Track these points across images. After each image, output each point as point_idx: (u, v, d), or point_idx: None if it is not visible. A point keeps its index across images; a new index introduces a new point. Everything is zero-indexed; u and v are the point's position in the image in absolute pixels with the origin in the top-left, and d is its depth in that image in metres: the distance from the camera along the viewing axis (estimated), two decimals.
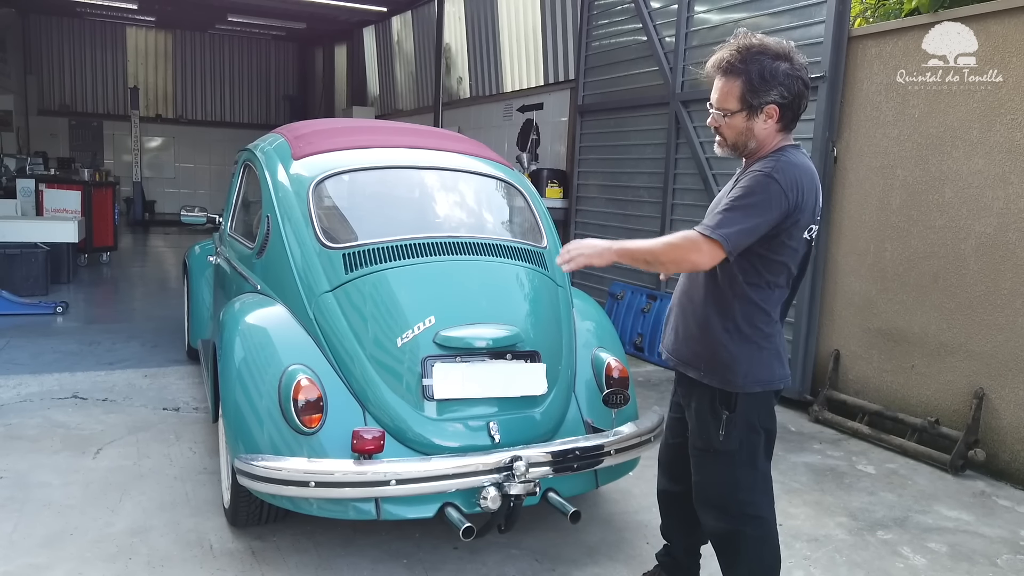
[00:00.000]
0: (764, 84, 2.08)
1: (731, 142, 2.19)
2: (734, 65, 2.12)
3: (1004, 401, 3.99)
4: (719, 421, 2.19)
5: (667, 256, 2.08)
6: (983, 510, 3.62)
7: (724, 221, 2.03)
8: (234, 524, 3.05)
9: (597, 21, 7.43)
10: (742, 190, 2.07)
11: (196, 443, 3.95)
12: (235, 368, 2.86)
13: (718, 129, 2.21)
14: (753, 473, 2.24)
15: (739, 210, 2.03)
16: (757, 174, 2.07)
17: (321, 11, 13.93)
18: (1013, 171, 3.96)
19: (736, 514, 2.26)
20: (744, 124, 2.14)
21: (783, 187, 2.04)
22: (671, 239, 2.08)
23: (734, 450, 2.21)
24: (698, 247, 2.02)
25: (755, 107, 2.11)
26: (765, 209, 2.03)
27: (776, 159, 2.11)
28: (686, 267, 2.13)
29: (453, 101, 11.44)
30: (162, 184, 18.09)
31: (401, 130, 4.00)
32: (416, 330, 2.81)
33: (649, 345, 6.29)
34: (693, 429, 2.31)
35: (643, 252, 2.10)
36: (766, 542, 2.28)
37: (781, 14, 5.27)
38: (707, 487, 2.30)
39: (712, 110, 2.21)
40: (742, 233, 2.01)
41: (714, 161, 5.89)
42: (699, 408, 2.27)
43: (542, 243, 3.40)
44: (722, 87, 2.15)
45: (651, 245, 2.09)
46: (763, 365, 2.18)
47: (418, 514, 2.65)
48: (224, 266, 4.25)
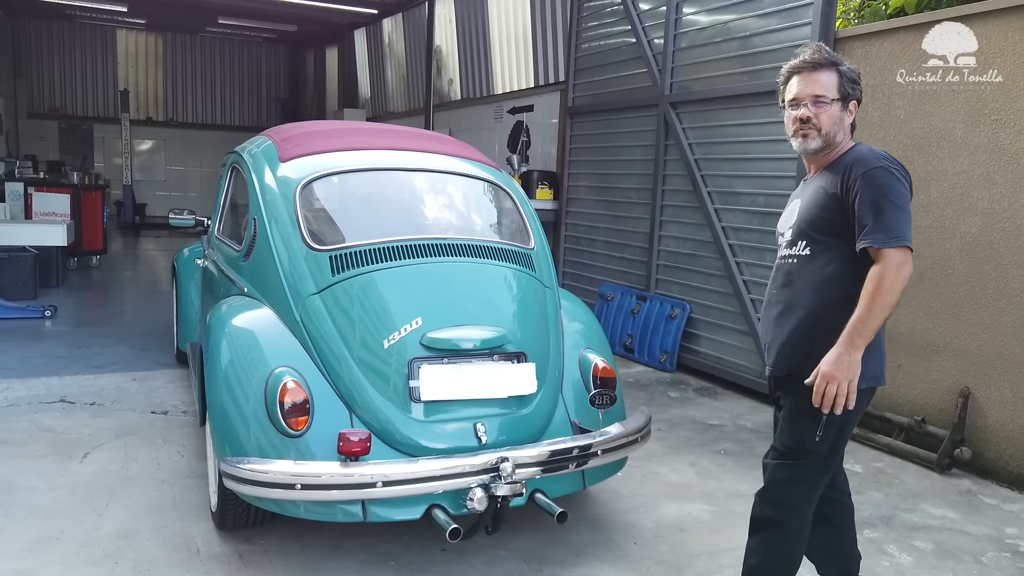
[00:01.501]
0: (855, 77, 2.25)
1: (825, 130, 2.22)
2: (826, 60, 2.23)
3: (989, 400, 4.02)
4: (818, 422, 2.18)
5: (893, 294, 2.03)
6: (969, 508, 3.64)
7: (889, 227, 2.04)
8: (221, 527, 3.04)
9: (587, 23, 7.45)
10: (875, 189, 2.08)
11: (184, 447, 3.94)
12: (221, 371, 2.86)
13: (809, 120, 2.22)
14: (824, 475, 2.28)
15: (891, 209, 2.06)
16: (874, 170, 2.10)
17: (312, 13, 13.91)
18: (997, 171, 3.99)
19: (788, 506, 2.28)
20: (840, 113, 2.22)
21: (900, 172, 2.13)
22: (875, 286, 2.03)
23: (824, 452, 2.22)
24: (902, 263, 2.03)
25: (848, 98, 2.23)
26: (906, 197, 2.11)
27: (868, 149, 2.20)
28: (904, 285, 2.07)
29: (444, 103, 11.45)
30: (153, 187, 18.00)
31: (388, 132, 4.01)
32: (403, 332, 2.81)
33: (639, 346, 6.30)
34: (785, 429, 2.29)
35: (875, 314, 2.03)
36: (798, 539, 2.31)
37: (769, 16, 5.30)
38: (778, 475, 2.30)
39: (798, 106, 2.24)
40: (908, 226, 2.08)
41: (703, 162, 5.90)
42: (797, 408, 2.24)
43: (530, 244, 3.41)
44: (818, 78, 2.22)
45: (872, 303, 2.03)
46: (873, 361, 2.19)
47: (405, 516, 2.65)
48: (212, 269, 4.25)
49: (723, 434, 4.58)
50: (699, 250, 5.95)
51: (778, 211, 5.28)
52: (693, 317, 5.98)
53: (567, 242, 7.80)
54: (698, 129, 5.98)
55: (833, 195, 2.17)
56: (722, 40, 5.73)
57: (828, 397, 2.07)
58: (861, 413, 2.27)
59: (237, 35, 18.13)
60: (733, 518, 3.41)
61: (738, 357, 5.55)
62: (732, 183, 5.64)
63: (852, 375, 2.05)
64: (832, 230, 2.18)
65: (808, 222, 2.24)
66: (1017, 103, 3.89)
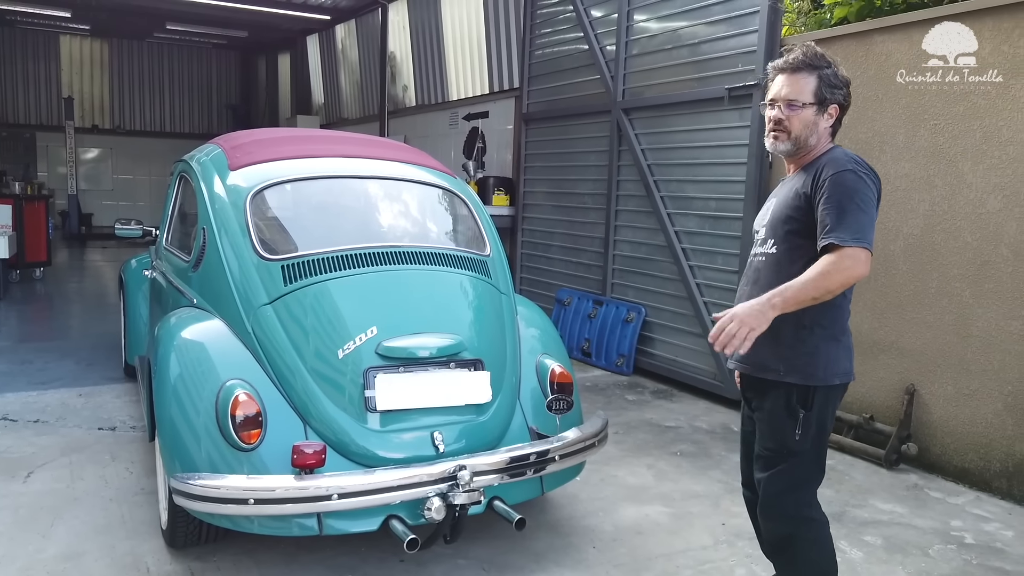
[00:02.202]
0: (836, 82, 2.24)
1: (795, 134, 2.24)
2: (808, 62, 2.23)
3: (934, 396, 4.14)
4: (796, 421, 2.20)
5: (837, 282, 2.05)
6: (916, 502, 3.74)
7: (853, 227, 2.05)
8: (172, 545, 2.97)
9: (540, 30, 7.49)
10: (841, 190, 2.10)
11: (133, 463, 3.84)
12: (171, 384, 2.79)
13: (781, 123, 2.25)
14: (817, 474, 2.28)
15: (855, 211, 2.08)
16: (843, 172, 2.12)
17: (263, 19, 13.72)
18: (937, 174, 4.12)
19: (792, 516, 2.27)
20: (813, 118, 2.23)
21: (869, 176, 2.15)
22: (825, 266, 2.04)
23: (807, 450, 2.22)
24: (858, 259, 2.04)
25: (825, 102, 2.23)
26: (872, 201, 2.13)
27: (842, 152, 2.21)
28: (852, 283, 2.11)
29: (399, 109, 11.39)
30: (99, 196, 17.53)
31: (342, 139, 3.97)
32: (358, 341, 2.78)
33: (596, 350, 6.34)
34: (764, 432, 2.30)
35: (809, 290, 2.04)
36: (820, 545, 2.29)
37: (718, 23, 5.39)
38: (771, 485, 2.28)
39: (773, 106, 2.27)
40: (871, 229, 2.10)
41: (655, 168, 5.98)
42: (774, 409, 2.25)
43: (485, 251, 3.41)
44: (795, 81, 2.24)
45: (814, 280, 2.04)
46: (842, 357, 2.22)
47: (362, 528, 2.62)
48: (160, 280, 4.15)
49: (679, 436, 4.63)
50: (653, 254, 6.02)
51: (729, 215, 5.40)
52: (648, 320, 6.04)
53: (524, 248, 7.82)
54: (650, 135, 6.06)
55: (804, 195, 2.19)
56: (672, 47, 5.81)
57: (727, 334, 2.04)
58: (836, 408, 2.29)
59: (186, 41, 17.78)
60: (690, 519, 3.45)
61: (693, 359, 5.63)
62: (684, 188, 5.72)
63: (758, 327, 2.04)
64: (801, 230, 2.20)
65: (779, 221, 2.26)
66: (954, 108, 4.03)
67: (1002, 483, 3.85)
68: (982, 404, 3.93)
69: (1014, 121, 3.79)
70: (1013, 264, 3.80)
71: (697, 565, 3.05)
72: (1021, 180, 3.77)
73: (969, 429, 3.98)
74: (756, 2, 5.02)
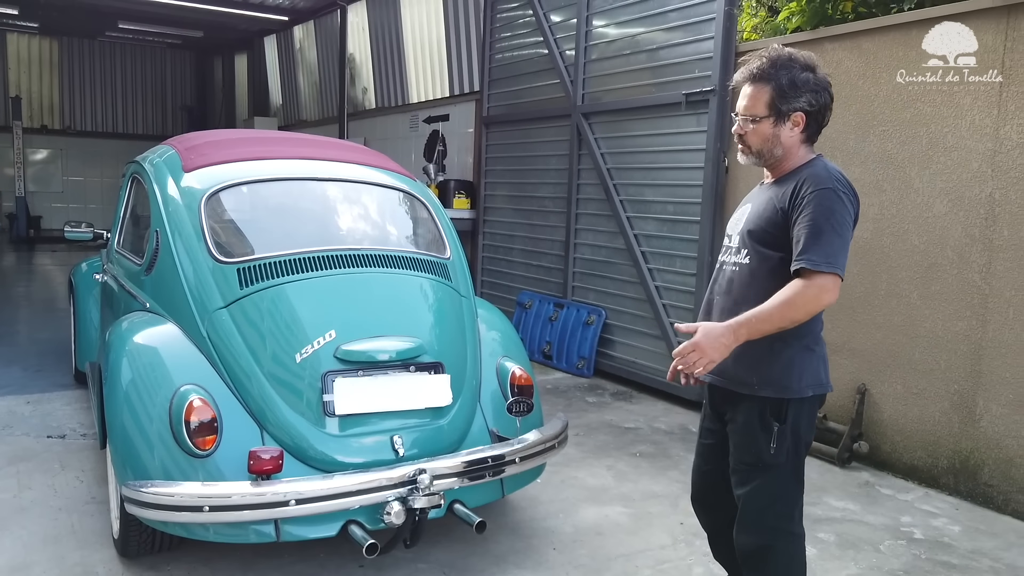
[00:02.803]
0: (794, 90, 2.13)
1: (756, 149, 2.19)
2: (765, 72, 2.15)
3: (884, 395, 4.25)
4: (770, 434, 2.15)
5: (803, 312, 2.02)
6: (867, 499, 3.84)
7: (827, 251, 2.01)
8: (124, 555, 2.90)
9: (500, 34, 7.51)
10: (819, 210, 2.04)
11: (83, 471, 3.74)
12: (122, 390, 2.74)
13: (743, 136, 2.21)
14: (796, 487, 2.24)
15: (831, 233, 2.03)
16: (823, 191, 2.06)
17: (219, 19, 13.50)
18: (886, 179, 4.23)
19: (771, 528, 2.22)
20: (771, 131, 2.16)
21: (849, 196, 2.09)
22: (792, 296, 2.01)
23: (782, 464, 2.17)
24: (826, 288, 2.01)
25: (783, 113, 2.14)
26: (847, 224, 2.07)
27: (824, 168, 2.14)
28: (819, 311, 2.07)
29: (358, 112, 11.31)
30: (49, 199, 17.05)
31: (299, 141, 3.93)
32: (316, 345, 2.76)
33: (557, 352, 6.37)
34: (739, 444, 2.24)
35: (774, 320, 2.02)
36: (795, 558, 2.25)
37: (674, 29, 5.47)
38: (750, 502, 2.23)
39: (737, 117, 2.22)
40: (844, 254, 2.05)
41: (615, 172, 6.04)
42: (748, 423, 2.20)
43: (445, 254, 3.40)
44: (752, 93, 2.18)
45: (780, 310, 2.01)
46: (816, 369, 2.18)
47: (320, 533, 2.60)
48: (112, 284, 4.06)
49: (639, 437, 4.68)
50: (613, 257, 6.08)
51: (687, 219, 5.47)
52: (609, 323, 6.09)
53: (485, 251, 7.82)
54: (610, 139, 6.12)
55: (780, 210, 2.13)
56: (631, 53, 5.88)
57: (686, 362, 2.03)
58: (811, 426, 2.25)
59: (139, 41, 17.41)
60: (649, 519, 3.49)
61: (652, 361, 5.69)
62: (643, 192, 5.79)
63: (717, 358, 2.02)
64: (775, 244, 2.15)
65: (753, 233, 2.20)
66: (903, 114, 4.15)
67: (949, 479, 3.96)
68: (930, 403, 4.05)
69: (958, 128, 3.91)
70: (958, 266, 3.92)
71: (656, 564, 3.08)
72: (965, 185, 3.89)
73: (918, 427, 4.10)
74: (712, 9, 5.11)
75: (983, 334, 3.82)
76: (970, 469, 3.87)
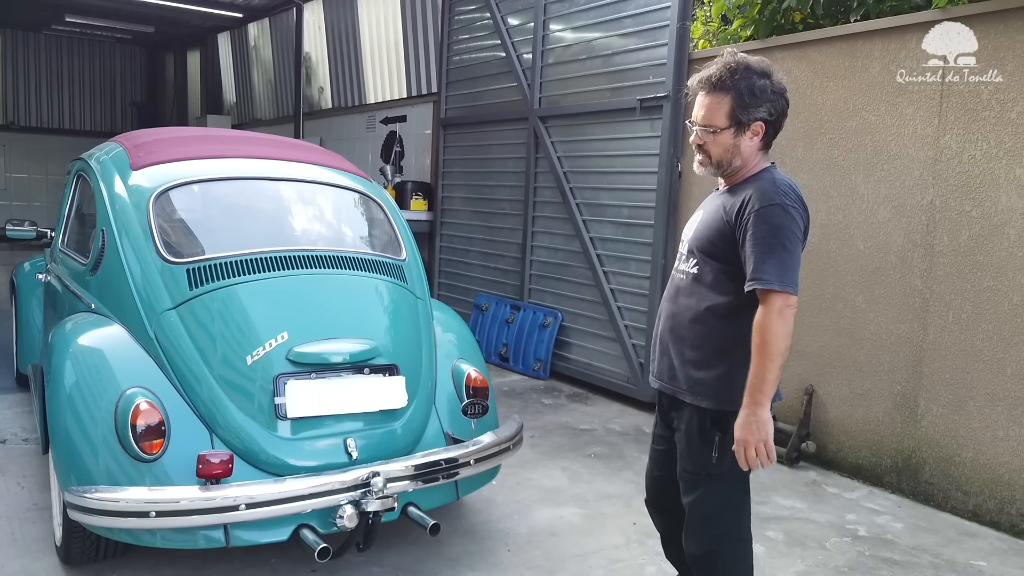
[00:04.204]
0: (754, 100, 2.10)
1: (716, 159, 2.16)
2: (723, 81, 2.10)
3: (830, 396, 4.37)
4: (711, 444, 2.15)
5: (783, 343, 2.01)
6: (814, 498, 3.93)
7: (777, 269, 2.01)
8: (67, 563, 2.82)
9: (458, 36, 7.51)
10: (767, 228, 2.03)
11: (25, 477, 3.63)
12: (66, 393, 2.66)
13: (702, 147, 2.17)
14: (741, 494, 2.24)
15: (780, 250, 2.02)
16: (769, 207, 2.04)
17: (171, 15, 13.21)
18: (832, 185, 4.35)
19: (718, 535, 2.23)
20: (731, 141, 2.12)
21: (798, 210, 2.07)
22: (761, 337, 2.01)
23: (725, 473, 2.17)
24: (784, 313, 2.00)
25: (743, 123, 2.11)
26: (796, 238, 2.06)
27: (772, 181, 2.10)
28: (791, 325, 2.05)
29: (314, 111, 11.18)
30: None
31: (252, 140, 3.87)
32: (268, 347, 2.72)
33: (514, 355, 6.39)
34: (683, 453, 2.25)
35: (766, 367, 2.00)
36: (742, 562, 2.27)
37: (629, 35, 5.54)
38: (696, 510, 2.25)
39: (695, 127, 2.17)
40: (796, 270, 2.05)
41: (571, 175, 6.08)
42: (690, 432, 2.21)
43: (401, 256, 3.39)
44: (709, 104, 2.13)
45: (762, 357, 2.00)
46: None
47: (271, 538, 2.56)
48: (55, 284, 3.95)
49: (594, 438, 4.72)
50: (569, 260, 6.12)
51: (641, 223, 5.53)
52: (565, 325, 6.13)
53: (442, 253, 7.80)
54: (566, 143, 6.16)
55: (727, 221, 2.12)
56: (587, 57, 5.93)
57: (751, 460, 2.04)
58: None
59: (87, 35, 16.92)
60: (603, 520, 3.52)
61: (607, 363, 5.74)
62: (599, 195, 5.84)
63: (764, 435, 2.01)
64: (719, 255, 2.15)
65: (701, 242, 2.20)
66: (849, 123, 4.27)
67: (892, 478, 4.09)
68: (874, 403, 4.17)
69: (901, 136, 4.04)
70: (900, 271, 4.05)
71: (609, 564, 3.11)
72: (908, 192, 4.02)
73: (862, 427, 4.22)
74: (666, 16, 5.19)
75: (924, 337, 3.95)
76: (912, 468, 4.00)
